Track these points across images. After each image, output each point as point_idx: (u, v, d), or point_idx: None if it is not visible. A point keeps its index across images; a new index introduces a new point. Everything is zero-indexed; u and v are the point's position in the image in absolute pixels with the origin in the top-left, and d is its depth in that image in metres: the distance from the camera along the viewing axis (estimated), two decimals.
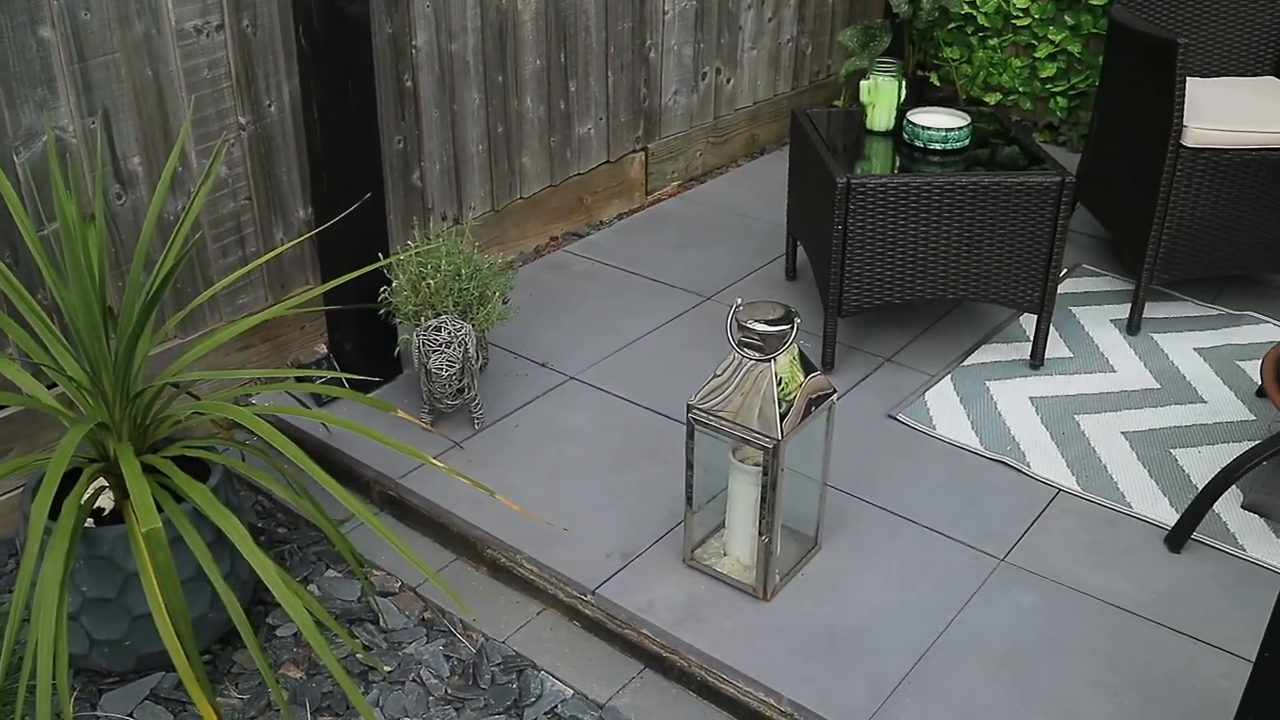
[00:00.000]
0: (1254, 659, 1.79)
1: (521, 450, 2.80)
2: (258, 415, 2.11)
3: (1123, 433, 2.91)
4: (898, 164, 3.05)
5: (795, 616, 2.33)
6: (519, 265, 3.66)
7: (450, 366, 2.69)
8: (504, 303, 2.93)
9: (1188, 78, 3.53)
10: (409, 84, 3.21)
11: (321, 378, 2.87)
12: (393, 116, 3.19)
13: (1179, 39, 3.05)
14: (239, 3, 2.74)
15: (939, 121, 3.10)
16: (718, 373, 2.24)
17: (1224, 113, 3.27)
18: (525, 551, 2.50)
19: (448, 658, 2.35)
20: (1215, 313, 3.50)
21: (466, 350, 2.70)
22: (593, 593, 2.40)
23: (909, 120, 3.11)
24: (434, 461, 2.18)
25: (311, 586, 2.53)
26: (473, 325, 2.80)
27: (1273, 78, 3.73)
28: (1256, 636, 1.77)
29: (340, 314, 2.94)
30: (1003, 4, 4.71)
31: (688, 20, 4.09)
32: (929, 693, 2.17)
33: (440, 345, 2.68)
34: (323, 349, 3.15)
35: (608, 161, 3.97)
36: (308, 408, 2.78)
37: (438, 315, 2.78)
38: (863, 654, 2.25)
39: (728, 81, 4.39)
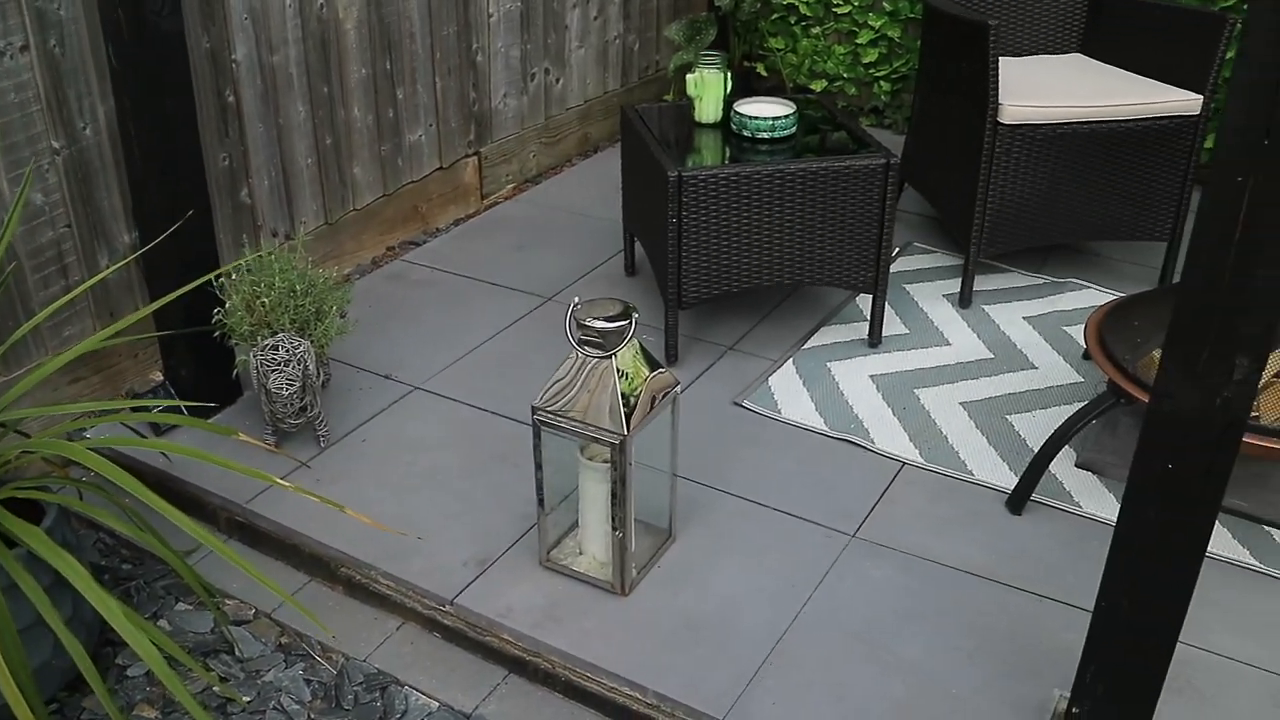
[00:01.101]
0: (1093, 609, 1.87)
1: (370, 465, 2.76)
2: (92, 450, 2.04)
3: (961, 403, 3.00)
4: (728, 155, 3.09)
5: (654, 609, 2.35)
6: (356, 278, 3.61)
7: (290, 385, 2.64)
8: (342, 317, 2.89)
9: (1000, 58, 3.66)
10: (231, 99, 3.14)
11: (158, 406, 2.79)
12: (216, 133, 3.12)
13: (990, 21, 3.16)
14: (44, 22, 2.64)
15: (765, 111, 3.15)
16: (560, 372, 2.24)
17: (1036, 90, 3.40)
18: (380, 566, 2.47)
19: (308, 681, 2.31)
20: (1041, 281, 3.63)
21: (306, 368, 2.65)
22: (451, 602, 2.38)
23: (736, 111, 3.16)
24: (280, 481, 2.13)
25: (162, 622, 2.45)
26: (311, 342, 2.75)
27: (1080, 55, 3.88)
28: (1096, 588, 1.85)
29: (174, 339, 2.86)
30: None
31: (513, 22, 4.08)
32: (790, 672, 2.21)
33: (279, 364, 2.63)
34: (159, 377, 3.06)
35: (441, 168, 3.94)
36: (145, 438, 2.70)
37: (274, 334, 2.72)
38: (723, 640, 2.27)
39: (557, 81, 4.39)
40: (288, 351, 2.64)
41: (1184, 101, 3.39)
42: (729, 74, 3.25)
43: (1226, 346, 1.62)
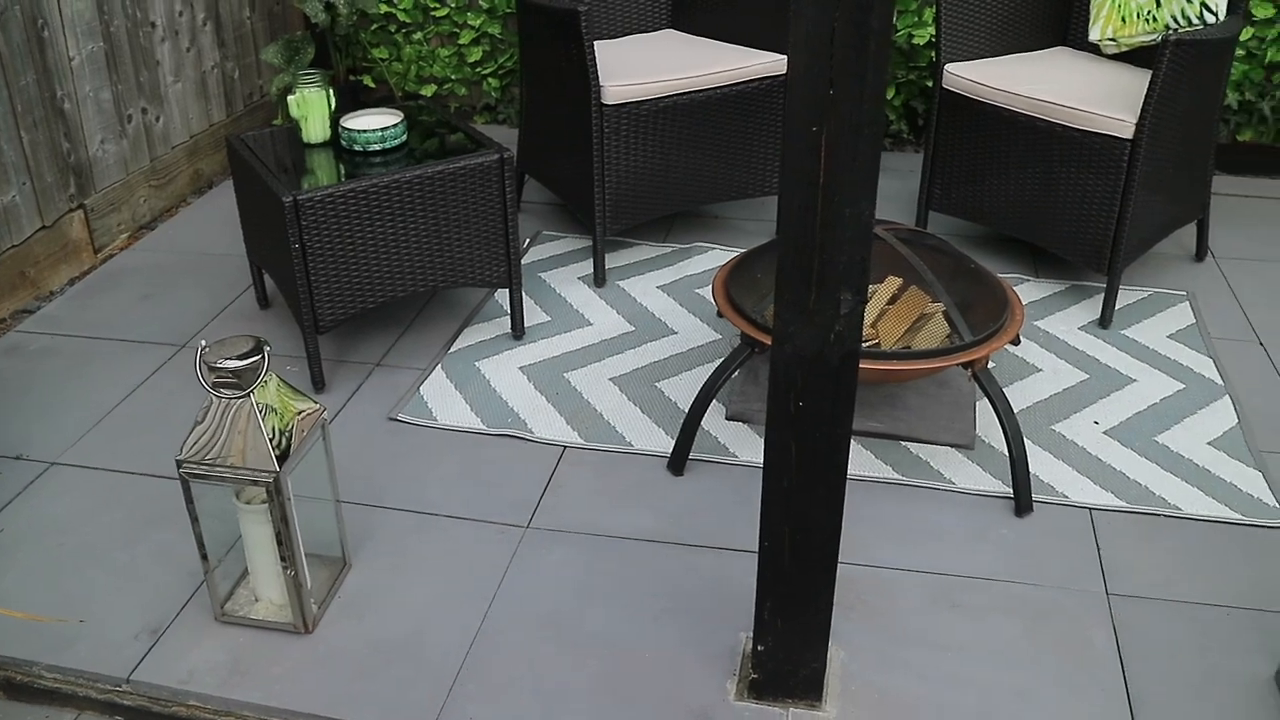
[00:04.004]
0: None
1: (13, 555, 2.57)
2: None
3: (610, 379, 3.09)
4: (342, 172, 3.04)
5: (342, 640, 2.31)
6: None
7: None
8: None
9: (595, 41, 3.77)
10: None
11: None
12: None
13: (579, 7, 3.24)
14: None
15: (373, 123, 3.13)
16: (200, 420, 2.16)
17: (635, 68, 3.52)
18: (42, 660, 2.31)
19: None
20: (668, 250, 3.77)
21: None
22: (128, 680, 2.26)
23: (344, 126, 3.12)
24: None
25: None
26: None
27: (671, 30, 4.05)
28: None
29: None
30: None
31: (99, 63, 3.87)
32: (488, 673, 2.22)
33: None
34: None
35: (44, 227, 3.70)
36: None
37: None
38: (417, 657, 2.26)
39: (157, 120, 4.21)
40: None
41: (771, 63, 3.60)
42: (331, 90, 3.21)
43: (830, 284, 1.75)
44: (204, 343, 2.17)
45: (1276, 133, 4.49)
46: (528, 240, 3.88)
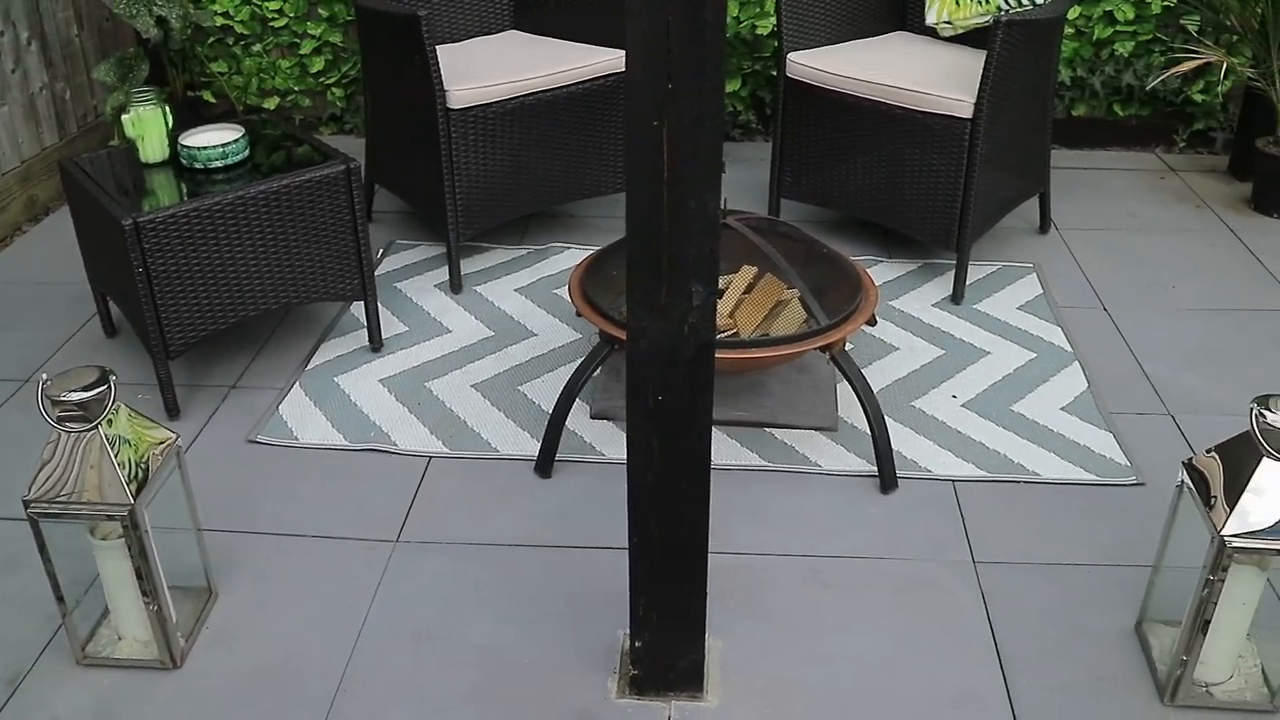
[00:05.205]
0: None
1: None
2: None
3: (472, 386, 3.06)
4: (184, 191, 2.96)
5: (214, 672, 2.24)
6: None
7: None
8: None
9: (438, 45, 3.73)
10: None
11: None
12: None
13: (419, 12, 3.20)
14: None
15: (212, 139, 3.05)
16: (46, 457, 2.09)
17: (479, 71, 3.50)
18: None
19: None
20: (524, 252, 3.76)
21: None
22: None
23: (182, 144, 3.04)
24: None
25: None
26: None
27: (515, 31, 4.03)
28: None
29: None
30: (256, 9, 4.71)
31: None
32: (366, 692, 2.18)
33: None
34: None
35: None
36: None
37: None
38: (292, 681, 2.21)
39: None
40: None
41: (616, 60, 3.61)
42: (167, 107, 3.12)
43: (680, 278, 1.75)
44: (45, 376, 2.09)
45: (1108, 106, 4.65)
46: (381, 251, 3.83)
